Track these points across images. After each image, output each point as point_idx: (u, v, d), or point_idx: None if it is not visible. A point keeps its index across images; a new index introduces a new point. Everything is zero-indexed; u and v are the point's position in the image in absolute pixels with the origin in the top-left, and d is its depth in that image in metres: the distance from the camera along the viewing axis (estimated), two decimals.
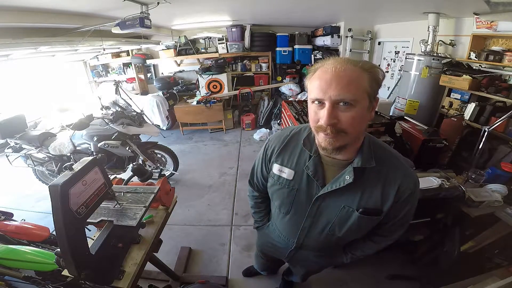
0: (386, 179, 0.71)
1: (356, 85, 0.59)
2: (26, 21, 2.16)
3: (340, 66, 0.59)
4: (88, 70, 5.42)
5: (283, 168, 0.81)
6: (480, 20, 2.58)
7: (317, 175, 0.75)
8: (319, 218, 0.81)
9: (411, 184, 0.72)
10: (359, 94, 0.59)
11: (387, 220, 0.78)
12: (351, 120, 0.60)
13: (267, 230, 1.07)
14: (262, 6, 3.20)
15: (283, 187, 0.82)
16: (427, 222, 1.67)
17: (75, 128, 2.38)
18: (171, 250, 2.05)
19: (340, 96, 0.58)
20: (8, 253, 1.23)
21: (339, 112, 0.60)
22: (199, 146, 4.24)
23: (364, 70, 0.60)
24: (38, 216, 2.53)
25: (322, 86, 0.59)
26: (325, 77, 0.59)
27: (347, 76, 0.58)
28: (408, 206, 0.75)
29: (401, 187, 0.71)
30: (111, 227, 1.02)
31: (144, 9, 2.26)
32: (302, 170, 0.77)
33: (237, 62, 5.16)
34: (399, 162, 0.73)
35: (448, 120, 2.67)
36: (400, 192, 0.71)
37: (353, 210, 0.74)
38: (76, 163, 0.91)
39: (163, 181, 1.35)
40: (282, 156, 0.82)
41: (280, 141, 0.83)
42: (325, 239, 0.85)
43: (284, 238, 0.97)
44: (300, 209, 0.82)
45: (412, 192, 0.72)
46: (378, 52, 4.61)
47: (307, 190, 0.78)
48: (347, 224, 0.77)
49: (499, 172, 1.90)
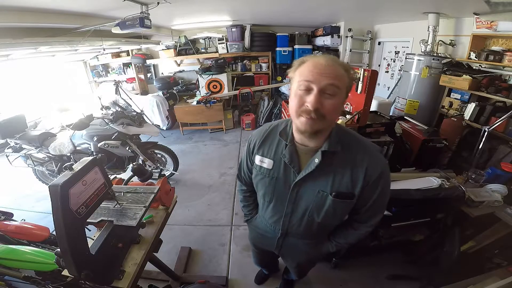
0: (354, 163, 0.77)
1: (341, 79, 0.69)
2: (26, 21, 2.16)
3: (329, 61, 0.69)
4: (88, 70, 5.42)
5: (263, 158, 0.89)
6: (480, 20, 2.58)
7: (293, 162, 0.82)
8: (299, 204, 0.87)
9: (378, 167, 0.77)
10: (341, 87, 0.69)
11: (361, 204, 0.84)
12: (332, 107, 0.69)
13: (255, 222, 1.13)
14: (262, 6, 3.20)
15: (265, 177, 0.89)
16: (427, 222, 1.67)
17: (75, 128, 2.38)
18: (171, 250, 2.05)
19: (330, 82, 0.67)
20: (8, 253, 1.23)
21: (324, 99, 0.68)
22: (199, 146, 4.24)
23: (345, 70, 0.70)
24: (38, 216, 2.53)
25: (314, 72, 0.67)
26: (319, 67, 0.68)
27: (335, 71, 0.68)
28: (379, 188, 0.80)
29: (368, 170, 0.76)
30: (111, 227, 1.02)
31: (144, 9, 2.26)
32: (280, 158, 0.85)
33: (237, 62, 5.16)
34: (365, 147, 0.80)
35: (448, 120, 2.67)
36: (368, 174, 0.77)
37: (327, 194, 0.80)
38: (76, 163, 0.91)
39: (163, 181, 1.35)
40: (263, 148, 0.90)
41: (261, 135, 0.92)
42: (306, 224, 0.91)
43: (271, 227, 1.03)
44: (281, 196, 0.89)
45: (381, 173, 0.77)
46: (378, 52, 4.61)
47: (285, 177, 0.85)
48: (323, 209, 0.83)
49: (499, 172, 1.90)
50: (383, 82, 4.65)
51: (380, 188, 0.80)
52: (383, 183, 0.79)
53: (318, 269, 1.87)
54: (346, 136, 0.80)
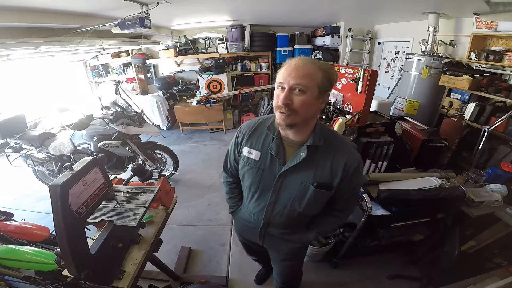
0: (334, 158, 0.87)
1: (309, 78, 0.76)
2: (26, 21, 2.16)
3: (301, 62, 0.77)
4: (88, 70, 5.42)
5: (251, 150, 0.95)
6: (480, 20, 2.58)
7: (279, 154, 0.89)
8: (282, 194, 0.94)
9: (355, 161, 0.87)
10: (311, 85, 0.76)
11: (340, 195, 0.93)
12: (301, 102, 0.76)
13: (240, 213, 1.17)
14: (262, 6, 3.20)
15: (252, 167, 0.95)
16: (427, 222, 1.67)
17: (75, 128, 2.38)
18: (171, 250, 2.05)
19: (297, 81, 0.74)
20: (8, 253, 1.22)
21: (294, 96, 0.76)
22: (199, 146, 4.24)
23: (320, 69, 0.77)
24: (38, 216, 2.53)
25: (285, 74, 0.77)
26: (289, 68, 0.77)
27: (304, 70, 0.76)
28: (355, 179, 0.90)
29: (347, 164, 0.86)
30: (111, 227, 1.02)
31: (144, 9, 2.26)
32: (267, 150, 0.91)
33: (237, 62, 5.16)
34: (344, 144, 0.90)
35: (448, 120, 2.67)
36: (347, 168, 0.86)
37: (309, 185, 0.88)
38: (76, 163, 0.91)
39: (163, 181, 1.35)
40: (251, 140, 0.96)
41: (249, 128, 0.98)
42: (288, 214, 0.97)
43: (254, 216, 1.07)
44: (266, 186, 0.95)
45: (356, 167, 0.88)
46: (378, 52, 4.61)
47: (271, 168, 0.92)
48: (305, 199, 0.91)
49: (499, 172, 1.90)
50: (383, 82, 4.65)
51: (355, 180, 0.91)
52: (358, 175, 0.91)
53: (318, 269, 1.88)
54: (328, 132, 0.89)
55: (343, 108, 2.39)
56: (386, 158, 2.13)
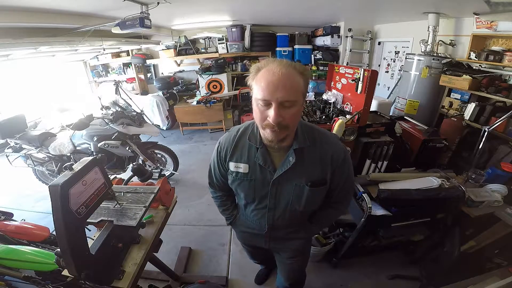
0: (321, 153, 0.86)
1: (296, 87, 0.70)
2: (26, 21, 2.16)
3: (283, 69, 0.67)
4: (88, 70, 5.42)
5: (238, 164, 0.92)
6: (480, 20, 2.58)
7: (267, 163, 0.87)
8: (280, 198, 0.93)
9: (341, 152, 0.88)
10: (298, 95, 0.71)
11: (334, 187, 0.94)
12: (293, 116, 0.73)
13: (240, 222, 1.15)
14: (262, 6, 3.20)
15: (243, 181, 0.93)
16: (427, 222, 1.67)
17: (75, 128, 2.38)
18: (171, 250, 2.05)
19: (286, 98, 0.68)
20: (8, 253, 1.22)
21: (283, 111, 0.70)
22: (199, 146, 4.24)
23: (299, 73, 0.71)
24: (38, 216, 2.53)
25: (270, 88, 0.67)
26: (272, 80, 0.67)
27: (290, 80, 0.68)
28: (345, 170, 0.90)
29: (333, 156, 0.86)
30: (111, 227, 1.02)
31: (144, 9, 2.26)
32: (254, 161, 0.89)
33: (237, 62, 5.15)
34: (327, 137, 0.89)
35: (448, 120, 2.67)
36: (334, 160, 0.87)
37: (304, 185, 0.88)
38: (76, 163, 0.91)
39: (163, 181, 1.35)
40: (235, 154, 0.92)
41: (230, 142, 0.94)
42: (290, 215, 0.97)
43: (257, 223, 1.06)
44: (262, 195, 0.94)
45: (344, 157, 0.88)
46: (378, 52, 4.61)
47: (262, 177, 0.90)
48: (303, 198, 0.90)
49: (499, 172, 1.90)
50: (383, 82, 4.65)
51: (346, 170, 0.91)
52: (347, 165, 0.91)
53: (318, 269, 1.88)
54: (310, 130, 0.87)
55: (343, 108, 2.40)
56: (386, 158, 2.13)
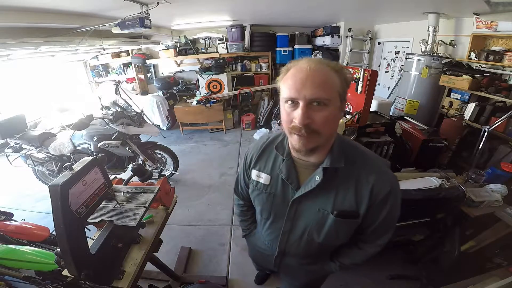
0: (358, 180, 0.70)
1: (329, 85, 0.60)
2: (26, 21, 2.16)
3: (313, 65, 0.60)
4: (88, 70, 5.42)
5: (260, 173, 0.83)
6: (480, 20, 2.58)
7: (291, 178, 0.75)
8: (298, 222, 0.80)
9: (386, 184, 0.69)
10: (333, 94, 0.60)
11: (368, 224, 0.76)
12: (325, 119, 0.60)
13: (253, 238, 1.09)
14: (262, 6, 3.20)
15: (262, 192, 0.84)
16: (427, 222, 1.67)
17: (75, 128, 2.38)
18: (171, 250, 2.05)
19: (315, 95, 0.58)
20: (8, 253, 1.22)
21: (313, 112, 0.60)
22: (199, 146, 4.24)
23: (335, 71, 0.61)
24: (38, 216, 2.53)
25: (297, 85, 0.59)
26: (300, 76, 0.59)
27: (321, 75, 0.59)
28: (387, 207, 0.71)
29: (375, 187, 0.68)
30: (111, 227, 1.02)
31: (144, 9, 2.26)
32: (277, 174, 0.78)
33: (237, 62, 5.16)
34: (372, 162, 0.72)
35: (448, 120, 2.67)
36: (375, 193, 0.69)
37: (328, 213, 0.73)
38: (76, 163, 0.91)
39: (163, 181, 1.35)
40: (260, 162, 0.84)
41: (258, 148, 0.86)
42: (306, 245, 0.83)
43: (268, 244, 0.97)
44: (279, 213, 0.83)
45: (389, 192, 0.69)
46: (378, 52, 4.61)
47: (283, 194, 0.79)
48: (324, 228, 0.76)
49: (499, 172, 1.90)
50: (383, 82, 4.65)
51: (388, 207, 0.71)
52: (392, 202, 0.71)
53: None
54: (350, 149, 0.72)
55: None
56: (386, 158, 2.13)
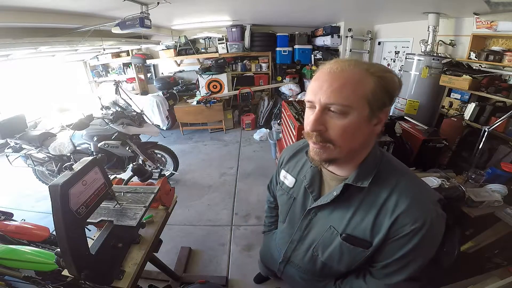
0: (384, 206, 0.59)
1: (352, 88, 0.51)
2: (26, 21, 2.16)
3: (338, 66, 0.53)
4: (88, 70, 5.42)
5: (287, 175, 0.82)
6: (480, 20, 2.58)
7: (312, 186, 0.71)
8: (308, 234, 0.77)
9: (418, 218, 0.55)
10: (355, 100, 0.51)
11: (379, 258, 0.64)
12: (341, 130, 0.53)
13: (270, 237, 1.09)
14: (262, 6, 3.20)
15: (284, 193, 0.83)
16: None
17: (75, 128, 2.38)
18: (171, 250, 2.05)
19: (331, 100, 0.51)
20: (8, 253, 1.23)
21: (329, 118, 0.53)
22: (199, 146, 4.24)
23: (370, 74, 0.52)
24: (38, 216, 2.53)
25: (315, 87, 0.54)
26: (321, 78, 0.53)
27: (342, 77, 0.51)
28: (410, 246, 0.57)
29: (400, 218, 0.56)
30: (111, 227, 1.02)
31: (144, 9, 2.26)
32: (302, 179, 0.76)
33: (237, 62, 5.16)
34: (411, 189, 0.59)
35: (448, 120, 2.67)
36: (398, 224, 0.57)
37: (337, 234, 0.66)
38: (76, 163, 0.91)
39: (163, 181, 1.35)
40: (289, 163, 0.84)
41: (292, 150, 0.86)
42: (309, 259, 0.78)
43: (277, 248, 0.96)
44: (293, 219, 0.80)
45: (419, 228, 0.55)
46: (378, 52, 4.61)
47: (303, 201, 0.76)
48: (329, 248, 0.70)
49: (499, 172, 1.90)
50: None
51: (410, 248, 0.57)
52: (417, 242, 0.56)
53: None
54: (389, 169, 0.62)
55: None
56: None
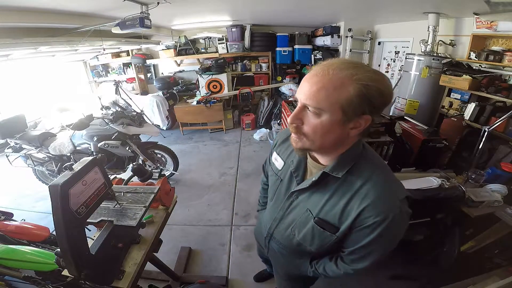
0: (355, 194, 0.64)
1: (327, 94, 0.55)
2: (26, 21, 2.16)
3: (324, 68, 0.56)
4: (88, 70, 5.42)
5: (278, 157, 0.88)
6: (480, 20, 2.58)
7: (298, 171, 0.79)
8: (289, 214, 0.85)
9: (381, 212, 0.60)
10: (327, 105, 0.55)
11: (347, 244, 0.73)
12: (313, 127, 0.60)
13: (262, 215, 1.15)
14: (262, 6, 3.20)
15: (273, 174, 0.91)
16: (427, 222, 1.67)
17: (75, 128, 2.38)
18: (171, 250, 2.05)
19: (307, 101, 0.58)
20: (8, 253, 1.23)
21: (306, 116, 0.60)
22: (199, 146, 4.24)
23: (353, 81, 0.54)
24: (38, 216, 2.53)
25: (301, 87, 0.60)
26: (306, 79, 0.59)
27: (321, 82, 0.55)
28: (373, 236, 0.63)
29: (366, 210, 0.62)
30: (111, 227, 1.02)
31: (144, 9, 2.26)
32: (289, 164, 0.83)
33: (237, 62, 5.16)
34: (381, 185, 0.63)
35: (448, 120, 2.67)
36: (363, 215, 0.62)
37: (312, 217, 0.74)
38: (76, 163, 0.91)
39: (163, 181, 1.35)
40: (281, 147, 0.90)
41: (285, 134, 0.91)
42: (287, 237, 0.87)
43: (265, 223, 1.03)
44: (279, 199, 0.88)
45: (380, 222, 0.61)
46: (378, 52, 4.61)
47: (288, 183, 0.83)
48: (304, 229, 0.78)
49: (499, 172, 1.90)
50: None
51: (372, 237, 0.64)
52: (379, 233, 0.62)
53: None
54: (368, 165, 0.67)
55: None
56: (386, 158, 2.13)
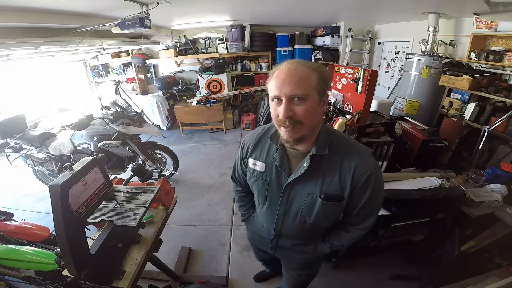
0: (342, 166, 0.78)
1: (306, 82, 0.69)
2: (26, 21, 2.16)
3: (291, 66, 0.70)
4: (88, 70, 5.42)
5: (256, 161, 0.92)
6: (480, 20, 2.58)
7: (283, 165, 0.84)
8: (291, 206, 0.89)
9: (367, 168, 0.77)
10: (309, 90, 0.69)
11: (352, 208, 0.85)
12: (305, 111, 0.70)
13: (252, 222, 1.15)
14: (262, 6, 3.20)
15: (258, 179, 0.92)
16: (427, 222, 1.67)
17: (75, 128, 2.38)
18: (171, 250, 2.05)
19: (293, 92, 0.68)
20: (8, 253, 1.23)
21: (294, 106, 0.70)
22: (199, 146, 4.24)
23: (312, 70, 0.70)
24: (38, 216, 2.53)
25: (278, 85, 0.69)
26: (281, 77, 0.69)
27: (298, 74, 0.68)
28: (369, 190, 0.79)
29: (356, 172, 0.77)
30: (111, 227, 1.02)
31: (144, 9, 2.26)
32: (271, 162, 0.87)
33: (237, 62, 5.16)
34: (354, 149, 0.80)
35: (448, 120, 2.67)
36: (356, 177, 0.77)
37: (317, 197, 0.82)
38: (76, 163, 0.91)
39: (163, 181, 1.35)
40: (255, 151, 0.93)
41: (253, 138, 0.95)
42: (298, 226, 0.92)
43: (265, 227, 1.05)
44: (274, 198, 0.91)
45: (369, 177, 0.77)
46: (378, 52, 4.62)
47: (277, 180, 0.88)
48: (314, 211, 0.85)
49: (499, 172, 1.90)
50: (383, 82, 4.65)
51: (369, 192, 0.79)
52: (372, 186, 0.79)
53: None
54: (335, 138, 0.81)
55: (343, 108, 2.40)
56: (386, 158, 2.13)
